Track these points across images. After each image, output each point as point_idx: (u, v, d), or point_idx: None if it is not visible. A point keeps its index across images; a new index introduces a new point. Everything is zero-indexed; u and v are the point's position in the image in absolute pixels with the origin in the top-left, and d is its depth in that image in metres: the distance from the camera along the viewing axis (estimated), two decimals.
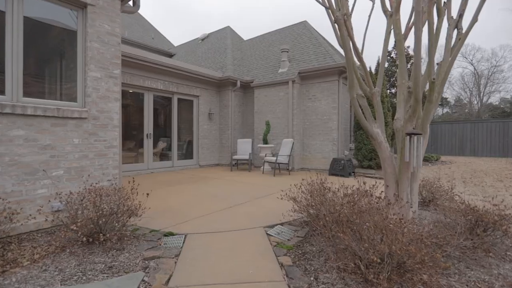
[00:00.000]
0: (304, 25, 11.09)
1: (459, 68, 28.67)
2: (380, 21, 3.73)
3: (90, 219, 2.25)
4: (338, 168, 7.32)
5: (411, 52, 12.35)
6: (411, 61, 16.51)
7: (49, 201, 2.83)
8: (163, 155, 8.68)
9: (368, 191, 2.53)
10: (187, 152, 9.29)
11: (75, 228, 2.21)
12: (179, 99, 8.83)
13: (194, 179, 6.77)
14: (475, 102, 28.37)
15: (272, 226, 3.31)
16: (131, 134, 7.95)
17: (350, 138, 9.52)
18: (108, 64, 3.33)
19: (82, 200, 2.58)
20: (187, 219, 3.54)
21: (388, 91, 11.36)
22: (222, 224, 3.35)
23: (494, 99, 27.85)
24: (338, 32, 2.80)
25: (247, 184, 6.06)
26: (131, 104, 7.93)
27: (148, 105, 7.93)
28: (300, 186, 2.96)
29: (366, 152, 7.72)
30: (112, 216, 2.45)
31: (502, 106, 26.53)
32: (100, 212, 2.30)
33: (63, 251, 2.38)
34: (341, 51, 11.50)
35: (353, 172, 7.48)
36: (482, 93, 27.71)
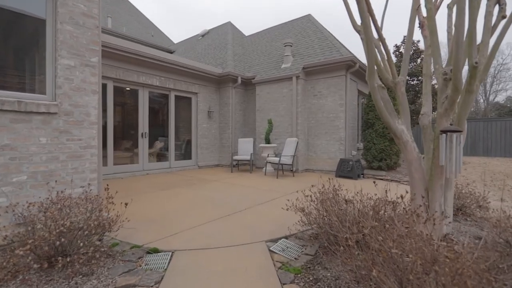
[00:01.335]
0: (308, 18, 10.56)
1: (465, 66, 27.91)
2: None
3: (44, 240, 1.77)
4: (346, 170, 6.80)
5: (420, 47, 11.75)
6: (421, 56, 15.89)
7: None
8: (160, 156, 8.22)
9: (396, 202, 2.02)
10: (185, 152, 8.81)
11: (21, 253, 1.73)
12: (176, 96, 8.35)
13: (191, 181, 6.29)
14: (482, 100, 27.66)
15: (275, 240, 2.81)
16: (125, 133, 7.48)
17: (358, 138, 8.99)
18: (84, 50, 2.85)
19: (45, 213, 2.11)
20: (177, 230, 3.05)
21: None
22: (217, 238, 2.86)
23: (501, 98, 27.14)
24: (357, 6, 2.28)
25: (248, 188, 5.57)
26: (124, 102, 7.46)
27: (143, 103, 7.46)
28: (311, 196, 2.45)
29: (376, 152, 7.19)
30: (78, 232, 1.97)
31: (508, 105, 25.80)
32: (59, 229, 1.82)
33: (14, 278, 1.90)
34: (350, 44, 10.91)
35: (362, 174, 6.95)
36: (488, 92, 26.99)
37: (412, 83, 12.17)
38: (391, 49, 12.53)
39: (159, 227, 3.15)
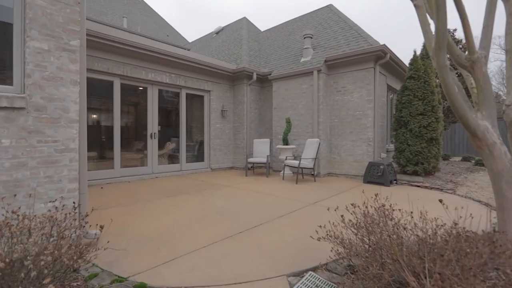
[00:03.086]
0: (329, 8, 9.74)
1: (497, 62, 26.04)
2: None
3: None
4: (376, 175, 5.95)
5: (457, 36, 10.56)
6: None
7: None
8: (170, 158, 7.74)
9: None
10: (197, 154, 8.29)
11: None
12: (188, 95, 7.84)
13: (202, 186, 5.71)
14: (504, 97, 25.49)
15: (300, 274, 2.13)
16: (133, 134, 7.06)
17: (387, 138, 8.07)
18: (61, 31, 2.31)
19: None
20: (174, 255, 2.43)
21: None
22: (224, 267, 2.21)
23: None
24: None
25: (264, 195, 4.90)
26: (132, 100, 7.04)
27: (152, 101, 7.00)
28: (355, 224, 1.73)
29: (410, 154, 6.27)
30: (21, 276, 1.39)
31: None
32: None
33: None
34: (375, 34, 9.90)
35: (395, 180, 6.07)
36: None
37: None
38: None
39: (155, 249, 2.55)
